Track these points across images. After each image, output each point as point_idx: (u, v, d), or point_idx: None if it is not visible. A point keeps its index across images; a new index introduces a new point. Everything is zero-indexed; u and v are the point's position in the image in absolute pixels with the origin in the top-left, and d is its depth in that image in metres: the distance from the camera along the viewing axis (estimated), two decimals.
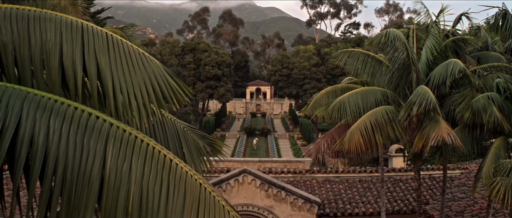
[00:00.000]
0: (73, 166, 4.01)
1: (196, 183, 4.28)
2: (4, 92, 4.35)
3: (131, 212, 3.86)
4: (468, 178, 25.77)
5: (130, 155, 4.09)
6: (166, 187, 4.09)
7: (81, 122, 4.21)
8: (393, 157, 29.87)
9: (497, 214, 20.03)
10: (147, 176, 4.05)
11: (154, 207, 3.94)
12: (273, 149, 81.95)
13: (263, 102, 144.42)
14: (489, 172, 15.15)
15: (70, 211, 3.92)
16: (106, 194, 3.91)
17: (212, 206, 4.25)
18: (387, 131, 17.00)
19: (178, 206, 4.03)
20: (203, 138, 7.18)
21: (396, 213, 24.17)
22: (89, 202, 3.90)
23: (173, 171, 4.21)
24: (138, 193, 3.93)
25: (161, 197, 4.03)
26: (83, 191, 3.94)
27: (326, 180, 27.51)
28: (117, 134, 4.17)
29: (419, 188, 17.98)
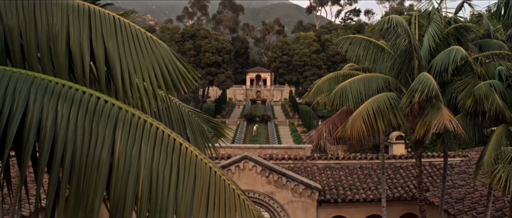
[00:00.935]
0: (81, 150, 3.99)
1: (206, 167, 4.26)
2: (11, 77, 4.32)
3: (140, 196, 3.84)
4: (468, 166, 25.84)
5: (140, 139, 4.06)
6: (176, 171, 4.07)
7: (89, 106, 4.18)
8: (393, 144, 29.91)
9: (497, 202, 20.09)
10: (157, 160, 4.04)
11: (164, 191, 3.92)
12: (273, 136, 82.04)
13: (263, 88, 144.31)
14: (491, 159, 15.16)
15: (79, 196, 3.91)
16: (115, 178, 3.89)
17: (222, 190, 4.23)
18: (389, 118, 17.02)
19: (188, 190, 4.01)
20: (207, 122, 7.17)
21: (396, 199, 24.26)
22: (99, 187, 3.89)
23: (182, 155, 4.20)
24: (147, 177, 3.91)
25: (171, 181, 4.01)
26: (92, 176, 3.93)
27: (326, 167, 27.55)
28: (126, 118, 4.14)
29: (420, 174, 18.03)
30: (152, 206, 3.89)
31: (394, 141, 29.85)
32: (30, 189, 21.91)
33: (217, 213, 4.07)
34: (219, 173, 4.32)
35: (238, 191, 4.36)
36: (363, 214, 24.72)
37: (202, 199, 4.06)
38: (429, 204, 22.58)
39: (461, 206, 21.23)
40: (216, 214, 4.06)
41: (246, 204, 4.33)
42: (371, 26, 26.58)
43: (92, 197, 3.88)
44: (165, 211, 3.85)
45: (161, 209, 3.85)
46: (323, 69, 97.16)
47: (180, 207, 3.92)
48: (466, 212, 20.43)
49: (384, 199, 22.08)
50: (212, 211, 4.06)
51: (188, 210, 3.94)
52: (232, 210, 4.19)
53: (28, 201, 4.73)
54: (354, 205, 24.36)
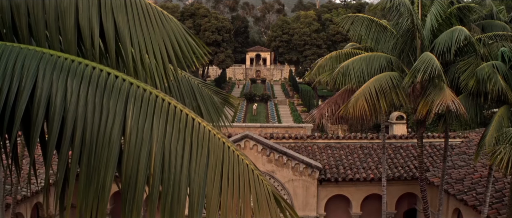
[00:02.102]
0: (92, 127, 3.95)
1: (219, 142, 4.23)
2: (19, 53, 4.26)
3: (153, 172, 3.82)
4: (468, 147, 25.92)
5: (151, 114, 4.02)
6: (189, 146, 4.04)
7: (99, 82, 4.14)
8: (394, 124, 29.92)
9: (497, 183, 20.17)
10: (169, 135, 4.00)
11: (177, 166, 3.90)
12: (273, 115, 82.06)
13: (263, 68, 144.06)
14: (492, 140, 15.17)
15: (91, 173, 3.89)
16: (127, 154, 3.86)
17: (236, 165, 4.21)
18: (391, 97, 17.00)
19: (201, 166, 3.99)
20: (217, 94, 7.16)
21: (396, 179, 24.37)
22: (110, 163, 3.87)
23: (195, 130, 4.16)
24: (160, 153, 3.88)
25: (184, 156, 3.98)
26: (103, 152, 3.90)
27: (327, 146, 27.61)
28: (137, 93, 4.10)
29: (421, 154, 18.05)
30: (164, 182, 3.86)
31: (394, 121, 29.86)
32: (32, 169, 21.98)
33: (231, 189, 4.04)
34: (233, 148, 4.29)
35: (251, 167, 4.33)
36: (363, 193, 24.86)
37: (216, 175, 4.04)
38: (429, 184, 22.68)
39: (461, 187, 21.32)
40: (230, 190, 4.03)
41: (260, 179, 4.31)
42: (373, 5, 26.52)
43: (103, 174, 3.86)
44: (178, 187, 3.83)
45: (174, 185, 3.82)
46: (323, 48, 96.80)
47: (193, 182, 3.90)
48: (466, 193, 20.52)
49: (385, 178, 22.18)
50: (226, 187, 4.03)
51: (201, 186, 3.92)
52: (246, 185, 4.17)
53: (36, 180, 4.66)
54: (354, 184, 24.48)
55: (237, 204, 4.05)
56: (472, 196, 20.04)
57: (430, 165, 25.03)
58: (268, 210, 4.14)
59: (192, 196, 3.88)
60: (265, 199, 4.18)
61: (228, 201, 3.99)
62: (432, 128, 38.53)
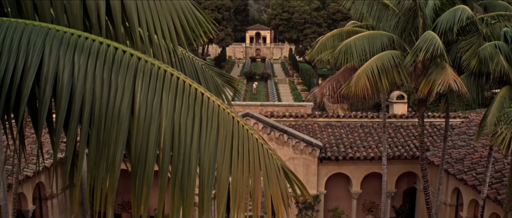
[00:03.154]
0: (101, 102, 3.92)
1: (229, 117, 4.22)
2: (24, 30, 4.22)
3: (163, 146, 3.82)
4: (468, 127, 25.97)
5: (160, 89, 4.00)
6: (199, 121, 4.04)
7: (107, 57, 4.11)
8: (394, 104, 29.93)
9: (497, 163, 20.24)
10: (179, 110, 3.99)
11: (186, 141, 3.89)
12: (273, 94, 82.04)
13: (263, 46, 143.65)
14: (494, 120, 15.18)
15: (100, 148, 3.88)
16: (136, 130, 3.84)
17: (245, 139, 4.21)
18: (393, 76, 16.97)
19: (211, 140, 3.99)
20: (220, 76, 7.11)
21: (396, 158, 24.46)
22: (120, 138, 3.86)
23: (205, 104, 4.16)
24: (169, 127, 3.87)
25: (194, 131, 3.98)
26: (112, 127, 3.90)
27: (327, 125, 27.66)
28: (146, 68, 4.06)
29: (422, 133, 18.07)
30: (174, 157, 3.85)
31: (395, 100, 29.85)
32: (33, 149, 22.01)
33: (241, 163, 4.04)
34: (242, 123, 4.28)
35: (261, 141, 4.32)
36: (363, 172, 24.98)
37: (226, 149, 4.04)
38: (429, 164, 22.76)
39: (461, 166, 21.41)
40: (240, 164, 4.03)
41: (269, 153, 4.30)
42: None
43: (113, 149, 3.85)
44: (188, 161, 3.83)
45: (184, 160, 3.82)
46: (323, 27, 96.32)
47: (203, 157, 3.90)
48: (466, 172, 20.62)
49: (385, 157, 22.24)
50: (236, 161, 4.04)
51: (211, 160, 3.93)
52: (256, 159, 4.17)
53: (38, 161, 4.62)
54: (354, 162, 24.57)
55: (247, 178, 4.05)
56: (472, 176, 20.13)
57: (430, 145, 25.11)
58: (278, 184, 4.14)
59: (202, 170, 3.89)
60: (275, 173, 4.19)
61: (238, 176, 3.99)
62: (432, 108, 38.61)
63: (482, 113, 26.36)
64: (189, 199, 3.83)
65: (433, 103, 38.74)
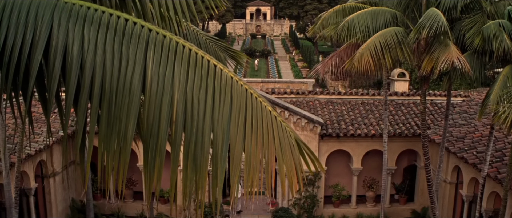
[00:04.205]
0: (111, 75, 3.87)
1: (242, 89, 4.20)
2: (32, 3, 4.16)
3: (175, 119, 3.79)
4: (469, 106, 25.99)
5: (172, 61, 3.94)
6: (212, 93, 4.00)
7: (118, 29, 4.05)
8: (395, 81, 29.87)
9: (497, 142, 20.28)
10: (191, 82, 3.95)
11: (199, 114, 3.87)
12: (273, 71, 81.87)
13: (263, 23, 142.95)
14: (497, 99, 15.16)
15: (111, 122, 3.86)
16: (148, 102, 3.81)
17: (259, 111, 4.19)
18: (396, 53, 16.90)
19: (225, 112, 3.96)
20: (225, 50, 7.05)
21: (397, 135, 24.49)
22: (131, 112, 3.83)
23: (217, 76, 4.12)
24: (182, 100, 3.83)
25: (206, 103, 3.95)
26: (124, 100, 3.86)
27: (328, 101, 27.66)
28: (157, 40, 4.00)
29: (424, 111, 18.05)
30: (187, 129, 3.83)
31: (395, 78, 29.79)
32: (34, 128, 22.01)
33: (254, 135, 4.01)
34: (255, 95, 4.24)
35: (274, 113, 4.29)
36: (364, 149, 25.04)
37: (239, 121, 4.01)
38: (430, 142, 22.79)
39: (462, 145, 21.46)
40: (254, 136, 4.00)
41: (283, 126, 4.27)
42: None
43: (125, 122, 3.82)
44: (201, 133, 3.80)
45: (198, 132, 3.80)
46: (324, 3, 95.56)
47: (217, 129, 3.88)
48: (466, 151, 20.67)
49: (386, 134, 22.26)
50: (250, 133, 4.02)
51: (225, 132, 3.91)
52: (270, 132, 4.15)
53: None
54: (355, 139, 24.61)
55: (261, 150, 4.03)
56: (473, 155, 20.19)
57: (431, 123, 25.14)
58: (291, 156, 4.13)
59: (215, 143, 3.87)
60: (288, 145, 4.17)
61: (252, 148, 3.97)
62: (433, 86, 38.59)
63: (483, 92, 26.41)
64: (203, 171, 3.81)
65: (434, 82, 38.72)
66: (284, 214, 24.16)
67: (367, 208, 26.22)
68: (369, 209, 26.16)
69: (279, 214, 24.26)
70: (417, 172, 26.30)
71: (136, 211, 26.00)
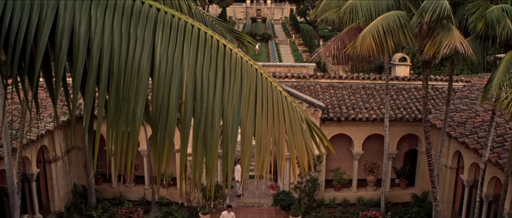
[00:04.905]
0: (119, 56, 3.81)
1: (252, 69, 4.16)
2: None
3: (185, 100, 3.75)
4: (470, 91, 25.97)
5: (181, 41, 3.90)
6: (221, 73, 3.97)
7: (125, 8, 3.98)
8: (396, 66, 29.82)
9: (499, 128, 20.27)
10: (201, 62, 3.91)
11: (209, 94, 3.84)
12: (274, 55, 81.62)
13: (264, 6, 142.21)
14: (499, 84, 15.12)
15: (120, 103, 3.81)
16: (157, 83, 3.77)
17: (269, 91, 4.16)
18: (399, 37, 16.82)
19: (235, 93, 3.94)
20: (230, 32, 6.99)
21: (398, 120, 24.49)
22: (140, 92, 3.78)
23: (227, 56, 4.08)
24: (191, 80, 3.79)
25: (216, 83, 3.92)
26: (132, 81, 3.81)
27: (329, 86, 27.64)
28: (166, 19, 3.94)
29: (426, 96, 18.01)
30: (197, 110, 3.79)
31: (396, 62, 29.74)
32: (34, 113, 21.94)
33: (265, 115, 3.99)
34: (265, 75, 4.20)
35: (285, 93, 4.26)
36: (365, 133, 25.06)
37: (250, 102, 3.99)
38: (431, 126, 22.79)
39: (463, 130, 21.47)
40: (264, 116, 3.97)
41: (293, 106, 4.24)
42: None
43: (133, 103, 3.77)
44: (211, 114, 3.77)
45: (207, 113, 3.77)
46: None
47: (227, 109, 3.86)
48: (468, 136, 20.68)
49: (387, 119, 22.26)
50: (260, 113, 3.99)
51: (235, 113, 3.88)
52: (280, 112, 4.12)
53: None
54: (356, 123, 24.62)
55: (271, 130, 4.01)
56: (474, 140, 20.20)
57: (432, 108, 25.13)
58: (302, 137, 4.10)
59: (225, 123, 3.85)
60: (299, 126, 4.14)
61: (263, 128, 3.94)
62: (434, 71, 38.54)
63: (485, 78, 26.39)
64: (213, 151, 3.78)
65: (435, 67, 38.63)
66: (285, 197, 24.23)
67: (367, 192, 26.30)
68: (370, 193, 26.24)
69: (280, 198, 24.33)
70: (418, 156, 26.35)
71: (138, 195, 26.07)
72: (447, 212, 23.35)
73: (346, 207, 25.48)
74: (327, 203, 25.80)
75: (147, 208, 24.97)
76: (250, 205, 25.94)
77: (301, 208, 24.24)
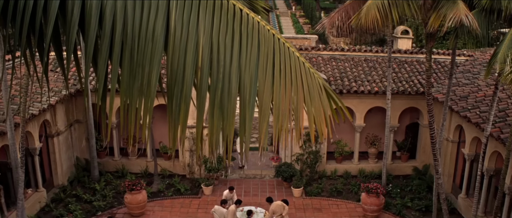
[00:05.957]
0: (133, 21, 3.73)
1: (269, 34, 4.07)
2: None
3: (201, 65, 3.70)
4: (472, 66, 25.90)
5: (197, 5, 3.82)
6: (238, 38, 3.89)
7: None
8: (398, 39, 29.67)
9: (501, 103, 20.25)
10: (217, 27, 3.84)
11: (226, 59, 3.78)
12: (275, 27, 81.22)
13: None
14: (504, 58, 15.03)
15: (134, 68, 3.75)
16: (173, 48, 3.70)
17: (287, 57, 4.08)
18: (403, 8, 16.67)
19: (252, 58, 3.86)
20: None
21: (400, 93, 24.45)
22: (155, 58, 3.72)
23: (244, 21, 4.00)
24: (208, 45, 3.73)
25: (233, 48, 3.84)
26: (146, 47, 3.74)
27: (331, 58, 27.54)
28: None
29: (430, 69, 17.91)
30: (213, 76, 3.73)
31: (399, 35, 29.58)
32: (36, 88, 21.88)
33: (283, 81, 3.93)
34: (283, 40, 4.12)
35: (302, 59, 4.20)
36: (367, 106, 25.05)
37: (268, 66, 3.92)
38: (433, 100, 22.76)
39: (465, 104, 21.45)
40: (282, 82, 3.91)
41: (311, 71, 4.18)
42: None
43: (148, 69, 3.71)
44: (228, 79, 3.72)
45: (224, 78, 3.73)
46: None
47: (244, 75, 3.81)
48: (470, 110, 20.67)
49: (389, 92, 22.22)
50: (278, 79, 3.93)
51: (253, 78, 3.83)
52: (298, 78, 4.07)
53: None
54: (358, 96, 24.58)
55: (290, 96, 3.96)
56: (476, 114, 20.19)
57: (434, 81, 25.07)
58: (320, 103, 4.05)
59: (243, 89, 3.80)
60: (317, 92, 4.09)
61: (281, 94, 3.89)
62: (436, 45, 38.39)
63: (487, 52, 26.28)
64: (230, 118, 3.73)
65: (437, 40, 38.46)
66: (287, 169, 24.34)
67: (369, 164, 26.41)
68: (371, 165, 26.34)
69: (282, 169, 24.44)
70: (419, 130, 26.39)
71: (140, 168, 26.19)
72: (448, 185, 23.47)
73: (347, 179, 25.63)
74: (329, 175, 25.95)
75: (150, 180, 25.09)
76: (252, 176, 26.07)
77: (303, 180, 24.38)
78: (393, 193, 23.82)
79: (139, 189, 21.46)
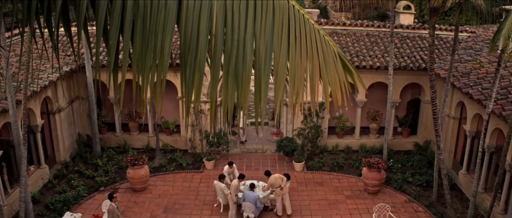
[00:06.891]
0: None
1: (283, 1, 4.04)
2: None
3: (215, 32, 3.67)
4: (475, 42, 25.78)
5: None
6: (253, 4, 3.84)
7: None
8: (400, 14, 29.51)
9: (503, 80, 20.19)
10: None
11: (240, 26, 3.74)
12: None
13: None
14: (508, 34, 14.95)
15: (147, 36, 3.72)
16: (186, 15, 3.66)
17: (302, 24, 4.03)
18: None
19: (267, 25, 3.82)
20: None
21: (402, 69, 24.38)
22: (168, 25, 3.69)
23: None
24: (222, 12, 3.70)
25: (248, 15, 3.79)
26: (159, 14, 3.71)
27: (333, 32, 27.41)
28: None
29: (433, 44, 17.80)
30: (227, 43, 3.69)
31: (401, 10, 29.42)
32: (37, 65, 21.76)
33: (298, 48, 3.90)
34: (298, 7, 4.09)
35: (317, 26, 4.17)
36: (368, 81, 24.99)
37: (283, 34, 3.88)
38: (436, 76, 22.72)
39: (467, 80, 21.39)
40: (298, 49, 3.89)
41: (326, 39, 4.14)
42: None
43: (161, 37, 3.69)
44: (243, 47, 3.70)
45: (239, 45, 3.70)
46: None
47: (259, 42, 3.77)
48: (472, 87, 20.61)
49: (391, 67, 22.16)
50: (294, 46, 3.89)
51: (268, 45, 3.79)
52: (313, 45, 4.03)
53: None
54: (360, 71, 24.49)
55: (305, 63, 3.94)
56: (478, 91, 20.14)
57: (436, 57, 24.97)
58: (335, 71, 4.03)
59: (258, 56, 3.77)
60: (332, 60, 4.07)
61: (297, 61, 3.87)
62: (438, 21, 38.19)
63: (490, 29, 26.15)
64: (245, 86, 3.71)
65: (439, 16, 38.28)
66: (289, 143, 24.38)
67: (370, 140, 26.46)
68: (372, 140, 26.40)
69: (283, 144, 24.48)
70: (421, 106, 26.37)
71: (142, 143, 26.24)
72: (449, 161, 23.54)
73: (348, 154, 25.71)
74: (330, 149, 26.02)
75: (152, 155, 25.16)
76: (253, 151, 26.14)
77: (304, 154, 24.45)
78: (394, 168, 23.91)
79: (141, 164, 21.52)
